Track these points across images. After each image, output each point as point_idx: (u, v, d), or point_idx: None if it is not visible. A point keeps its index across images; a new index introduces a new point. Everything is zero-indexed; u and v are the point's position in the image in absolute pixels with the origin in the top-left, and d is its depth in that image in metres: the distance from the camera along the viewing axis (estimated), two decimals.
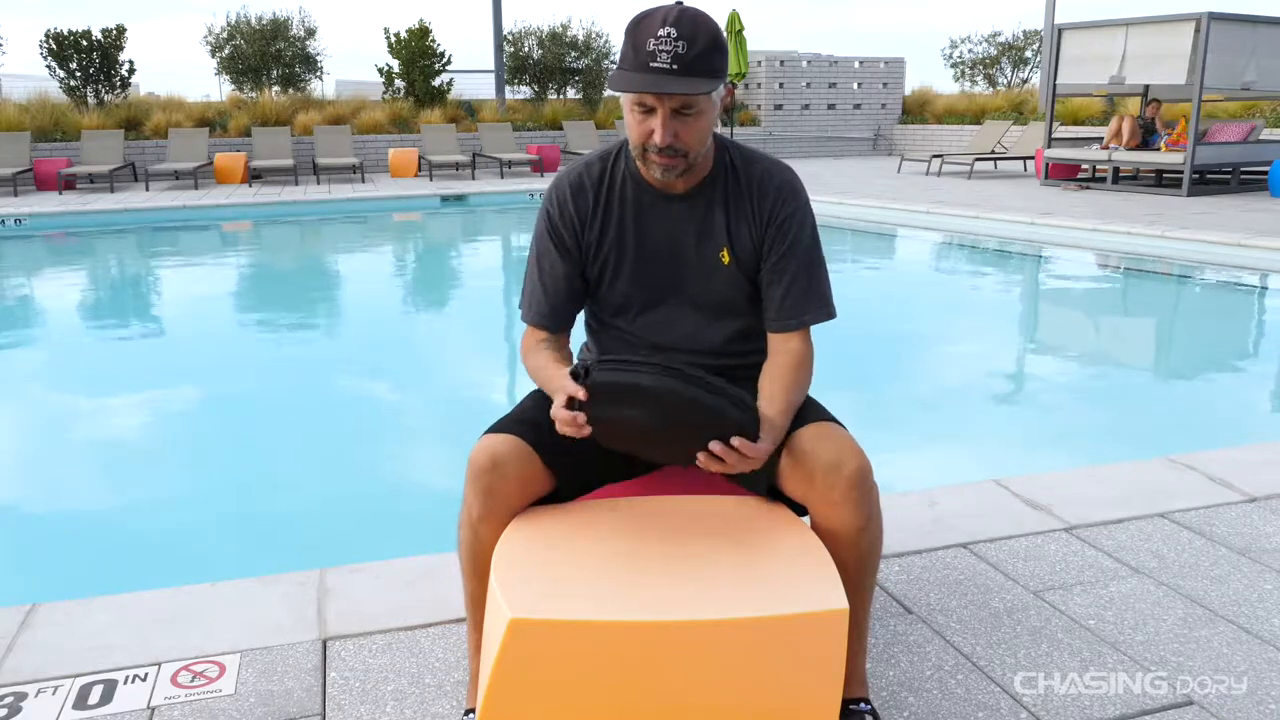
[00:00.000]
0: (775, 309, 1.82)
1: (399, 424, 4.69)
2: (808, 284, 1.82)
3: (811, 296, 1.82)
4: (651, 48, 1.59)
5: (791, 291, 1.81)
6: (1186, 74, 11.51)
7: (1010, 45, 24.37)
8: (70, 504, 3.78)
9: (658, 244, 1.82)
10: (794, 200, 1.83)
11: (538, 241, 1.86)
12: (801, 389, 1.78)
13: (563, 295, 1.85)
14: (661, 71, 1.59)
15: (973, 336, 6.43)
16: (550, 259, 1.84)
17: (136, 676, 1.99)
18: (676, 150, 1.67)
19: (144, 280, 9.01)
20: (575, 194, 1.83)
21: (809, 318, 1.82)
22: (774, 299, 1.82)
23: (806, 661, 1.52)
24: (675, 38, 1.59)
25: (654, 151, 1.68)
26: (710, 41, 1.61)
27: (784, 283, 1.81)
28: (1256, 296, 7.73)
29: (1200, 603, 2.28)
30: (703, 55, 1.60)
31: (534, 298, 1.86)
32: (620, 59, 1.66)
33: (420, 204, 13.07)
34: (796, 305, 1.81)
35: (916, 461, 3.98)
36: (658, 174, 1.73)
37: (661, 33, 1.59)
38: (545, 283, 1.85)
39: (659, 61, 1.59)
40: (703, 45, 1.60)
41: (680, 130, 1.66)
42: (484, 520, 1.68)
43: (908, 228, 10.89)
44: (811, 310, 1.82)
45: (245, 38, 17.78)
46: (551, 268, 1.84)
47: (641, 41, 1.60)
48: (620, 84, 1.63)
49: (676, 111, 1.64)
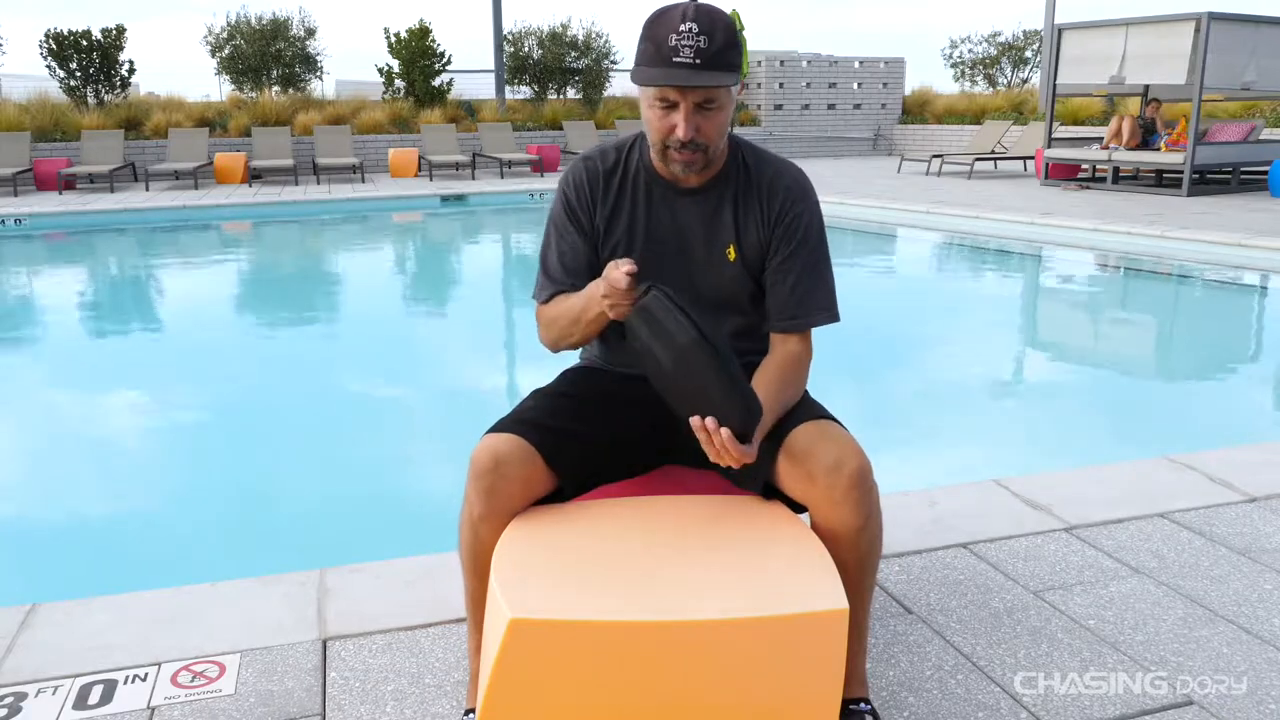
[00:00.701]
0: (777, 308, 1.83)
1: (399, 424, 4.69)
2: (812, 285, 1.82)
3: (815, 298, 1.82)
4: (674, 43, 1.61)
5: (795, 292, 1.81)
6: (1186, 74, 11.52)
7: (1010, 45, 24.37)
8: (70, 504, 3.78)
9: (666, 237, 1.83)
10: (803, 200, 1.83)
11: (555, 222, 1.87)
12: (794, 391, 1.78)
13: (584, 273, 1.83)
14: (684, 66, 1.61)
15: (973, 336, 6.43)
16: (570, 239, 1.85)
17: (136, 676, 1.99)
18: (698, 145, 1.68)
19: (144, 281, 9.01)
20: (590, 179, 1.84)
21: (810, 320, 1.82)
22: (777, 298, 1.82)
23: (806, 661, 1.51)
24: (697, 33, 1.61)
25: (675, 148, 1.69)
26: (728, 35, 1.64)
27: (788, 283, 1.81)
28: (1256, 296, 7.73)
29: (1200, 603, 2.28)
30: (723, 49, 1.63)
31: (554, 274, 1.85)
32: (639, 56, 1.67)
33: (420, 204, 13.07)
34: (799, 306, 1.81)
35: (916, 461, 3.99)
36: (678, 170, 1.73)
37: (683, 28, 1.61)
38: (565, 262, 1.84)
39: (682, 56, 1.61)
40: (722, 40, 1.63)
41: (702, 124, 1.67)
42: (485, 520, 1.68)
43: (908, 228, 10.90)
44: (814, 312, 1.82)
45: (245, 38, 17.78)
46: (572, 247, 1.85)
47: (663, 37, 1.62)
48: (645, 79, 1.64)
49: (699, 106, 1.66)
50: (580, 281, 1.82)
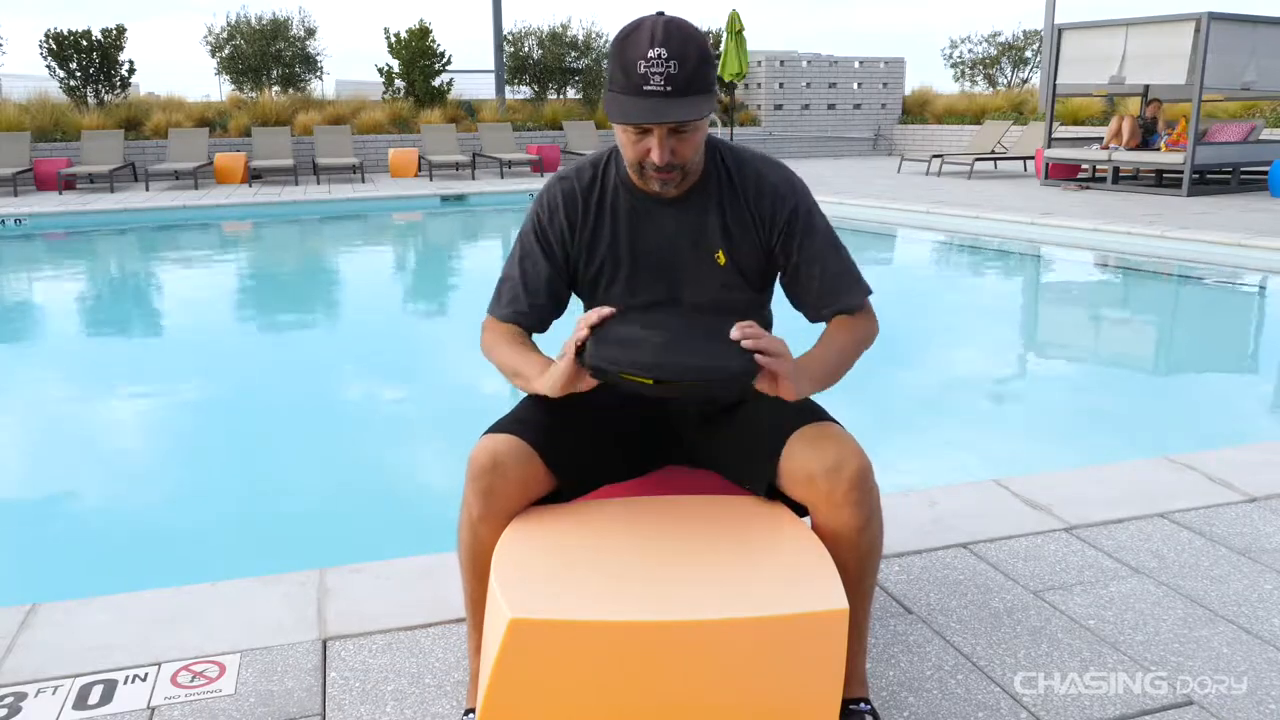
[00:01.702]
0: (814, 301, 1.83)
1: (399, 424, 4.69)
2: (839, 268, 1.83)
3: (844, 278, 1.83)
4: (643, 70, 1.56)
5: (824, 280, 1.82)
6: (1186, 74, 11.52)
7: (1010, 45, 24.37)
8: (70, 504, 3.78)
9: (652, 251, 1.82)
10: (793, 195, 1.82)
11: (523, 241, 1.86)
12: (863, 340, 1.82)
13: (542, 295, 1.84)
14: (656, 95, 1.57)
15: (973, 336, 6.44)
16: (534, 260, 1.84)
17: (136, 676, 1.99)
18: (674, 166, 1.68)
19: (144, 280, 9.01)
20: (566, 201, 1.83)
21: (856, 297, 1.83)
22: (810, 294, 1.83)
23: (806, 661, 1.52)
24: (666, 58, 1.56)
25: (652, 169, 1.68)
26: (700, 56, 1.59)
27: (815, 273, 1.82)
28: (1256, 296, 7.73)
29: (1200, 603, 2.28)
30: (695, 73, 1.58)
31: (512, 294, 1.85)
32: (610, 81, 1.63)
33: (420, 204, 13.07)
34: (833, 291, 1.82)
35: (916, 461, 3.99)
36: (655, 187, 1.74)
37: (652, 54, 1.56)
38: (527, 282, 1.84)
39: (653, 84, 1.57)
40: (694, 62, 1.58)
41: (677, 147, 1.66)
42: (484, 520, 1.68)
43: (908, 228, 10.89)
44: (854, 288, 1.84)
45: (245, 38, 17.79)
46: (534, 268, 1.84)
47: (631, 64, 1.58)
48: (618, 114, 1.60)
49: (673, 131, 1.64)
50: (537, 301, 1.83)
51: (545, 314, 1.86)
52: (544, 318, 1.86)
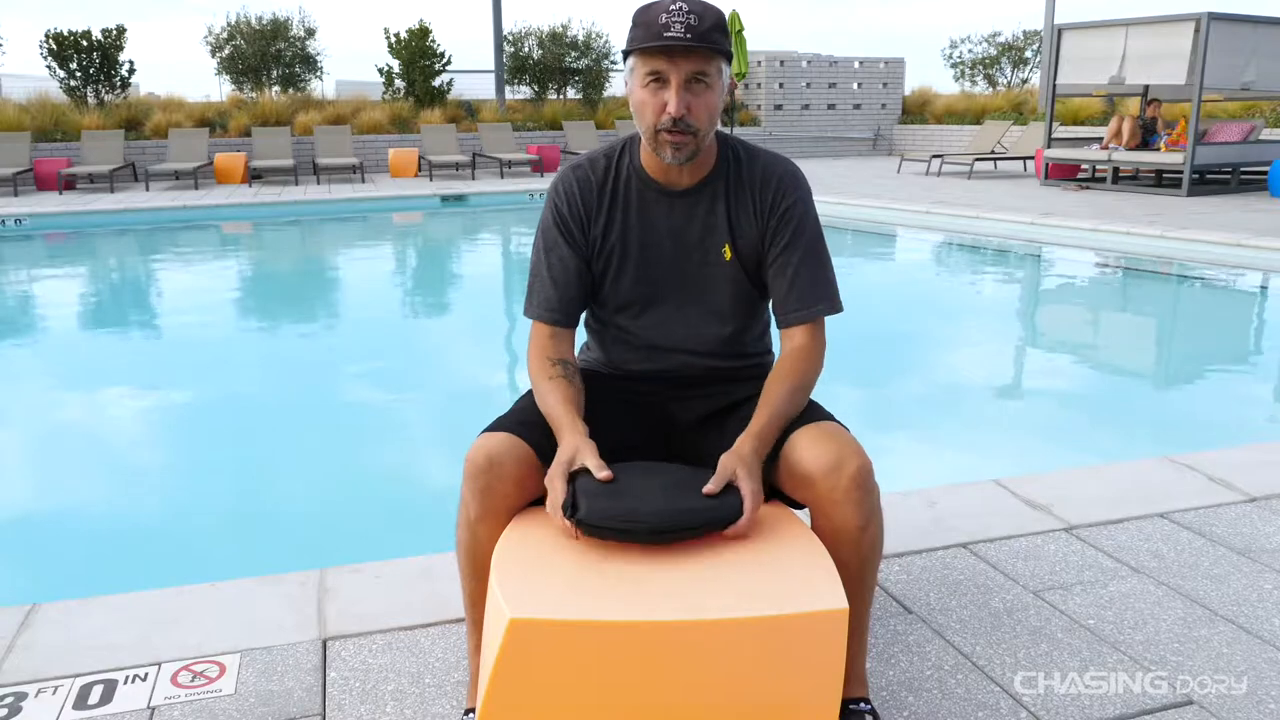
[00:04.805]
0: (780, 302, 1.83)
1: (399, 424, 4.69)
2: (812, 276, 1.81)
3: (816, 289, 1.81)
4: (664, 20, 1.64)
5: (795, 284, 1.80)
6: (1186, 74, 11.52)
7: (1010, 45, 24.37)
8: (70, 504, 3.78)
9: (661, 242, 1.82)
10: (795, 190, 1.83)
11: (545, 234, 1.85)
12: (802, 388, 1.77)
13: (574, 288, 1.83)
14: (677, 39, 1.64)
15: (972, 336, 6.44)
16: (560, 251, 1.83)
17: (136, 676, 1.99)
18: (689, 126, 1.68)
19: (144, 281, 9.01)
20: (582, 187, 1.84)
21: (813, 311, 1.81)
22: (779, 292, 1.82)
23: (806, 661, 1.51)
24: (687, 10, 1.64)
25: (666, 129, 1.69)
26: (717, 19, 1.68)
27: (788, 275, 1.81)
28: (1256, 296, 7.73)
29: (1200, 603, 2.28)
30: (712, 29, 1.66)
31: (543, 292, 1.84)
32: (629, 41, 1.70)
33: (420, 204, 13.07)
34: (800, 298, 1.80)
35: (916, 461, 3.99)
36: (668, 155, 1.72)
37: (673, 7, 1.64)
38: (555, 276, 1.83)
39: (673, 31, 1.63)
40: (712, 20, 1.67)
41: (692, 103, 1.67)
42: (482, 520, 1.68)
43: (908, 228, 10.90)
44: (816, 303, 1.81)
45: (245, 38, 17.80)
46: (561, 260, 1.83)
47: (653, 17, 1.66)
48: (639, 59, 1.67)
49: (689, 82, 1.67)
50: (569, 294, 1.82)
51: (577, 308, 1.86)
52: (577, 310, 1.87)
